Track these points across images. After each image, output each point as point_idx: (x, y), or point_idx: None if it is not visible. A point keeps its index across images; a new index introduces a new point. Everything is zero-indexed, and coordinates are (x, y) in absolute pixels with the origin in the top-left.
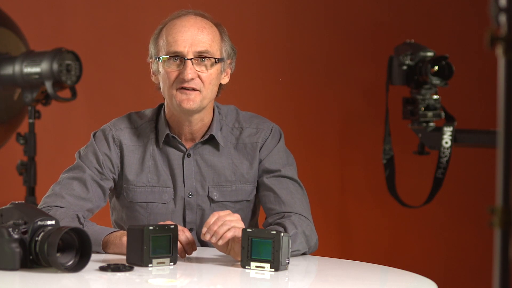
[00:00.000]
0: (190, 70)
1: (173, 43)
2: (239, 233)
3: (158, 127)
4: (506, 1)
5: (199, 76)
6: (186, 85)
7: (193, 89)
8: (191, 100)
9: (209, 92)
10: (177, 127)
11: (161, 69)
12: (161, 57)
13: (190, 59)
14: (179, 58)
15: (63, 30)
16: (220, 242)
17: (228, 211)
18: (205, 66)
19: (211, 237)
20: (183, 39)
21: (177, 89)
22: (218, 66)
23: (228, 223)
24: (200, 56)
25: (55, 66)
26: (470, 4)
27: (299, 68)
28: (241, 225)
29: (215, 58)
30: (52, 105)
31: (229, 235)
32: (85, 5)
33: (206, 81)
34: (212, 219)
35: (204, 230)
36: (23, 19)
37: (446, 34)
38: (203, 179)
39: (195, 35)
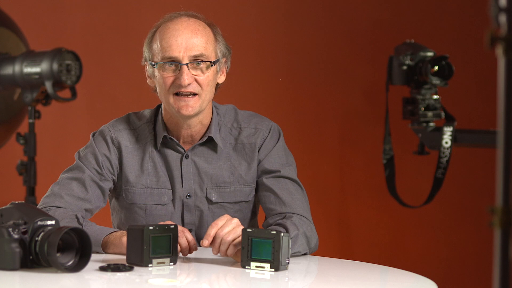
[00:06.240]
0: (187, 76)
1: (168, 48)
2: (239, 239)
3: (156, 128)
4: (506, 1)
5: (196, 80)
6: (183, 90)
7: (192, 94)
8: (190, 107)
9: (207, 94)
10: (175, 129)
11: (156, 73)
12: (156, 64)
13: (186, 64)
14: (174, 63)
15: (63, 30)
16: (225, 257)
17: (225, 218)
18: (201, 69)
19: (216, 253)
20: (177, 43)
21: (173, 94)
22: (214, 68)
23: (227, 240)
24: (196, 60)
25: (55, 66)
26: (470, 4)
27: (298, 68)
28: (240, 231)
29: (210, 62)
30: (52, 105)
31: (230, 252)
32: (85, 5)
33: (203, 84)
34: (211, 230)
35: (205, 243)
36: (23, 19)
37: (446, 34)
38: (201, 181)
39: (189, 39)
